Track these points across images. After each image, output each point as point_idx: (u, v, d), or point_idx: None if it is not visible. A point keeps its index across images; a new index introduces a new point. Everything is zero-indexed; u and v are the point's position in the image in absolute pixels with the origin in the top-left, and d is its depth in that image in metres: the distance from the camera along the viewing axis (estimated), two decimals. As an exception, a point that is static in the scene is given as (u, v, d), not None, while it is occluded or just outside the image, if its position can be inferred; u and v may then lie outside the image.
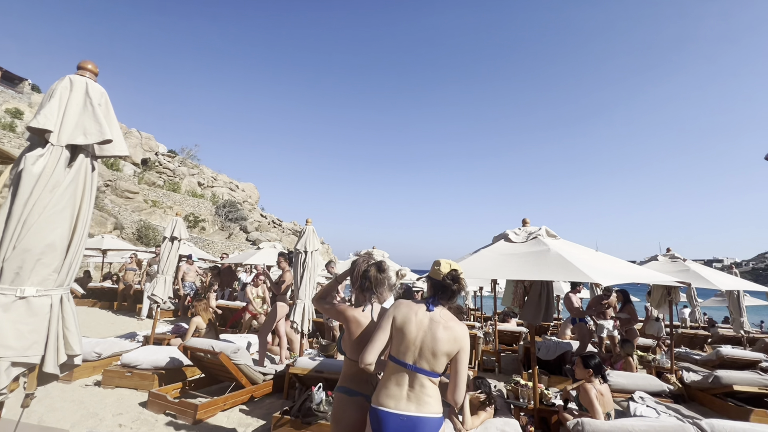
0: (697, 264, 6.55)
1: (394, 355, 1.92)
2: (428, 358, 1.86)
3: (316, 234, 5.21)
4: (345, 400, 2.08)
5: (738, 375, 5.26)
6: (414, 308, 1.96)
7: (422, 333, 1.89)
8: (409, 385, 1.86)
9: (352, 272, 2.30)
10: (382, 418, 1.84)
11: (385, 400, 1.86)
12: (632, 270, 3.54)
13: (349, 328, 2.13)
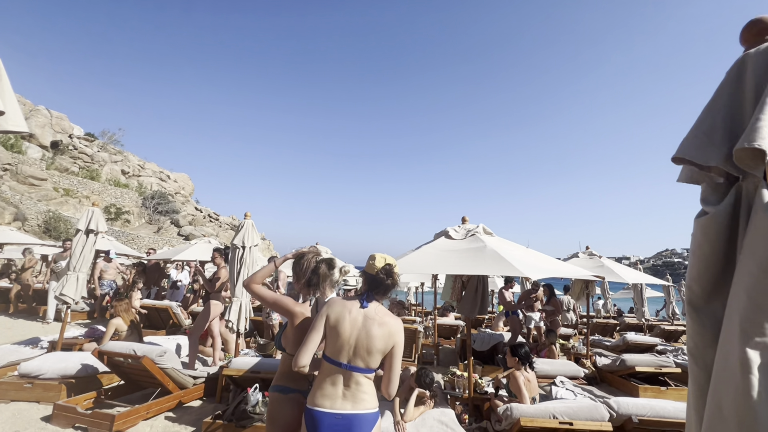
0: (610, 261, 7.37)
1: (328, 355, 1.90)
2: (363, 355, 1.86)
3: (255, 229, 4.97)
4: (280, 399, 2.04)
5: (639, 357, 6.01)
6: (348, 306, 1.93)
7: (357, 331, 1.87)
8: (344, 384, 1.85)
9: (299, 267, 2.26)
10: (317, 418, 1.82)
11: (320, 401, 1.84)
12: (556, 265, 3.86)
13: (294, 323, 2.09)
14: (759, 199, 0.97)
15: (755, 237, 0.95)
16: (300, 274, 2.26)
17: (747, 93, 1.05)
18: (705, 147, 1.06)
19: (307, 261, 2.25)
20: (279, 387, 2.07)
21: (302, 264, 2.25)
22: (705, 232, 1.08)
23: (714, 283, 1.09)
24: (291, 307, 2.12)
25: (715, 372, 0.98)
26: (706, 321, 1.08)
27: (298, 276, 2.28)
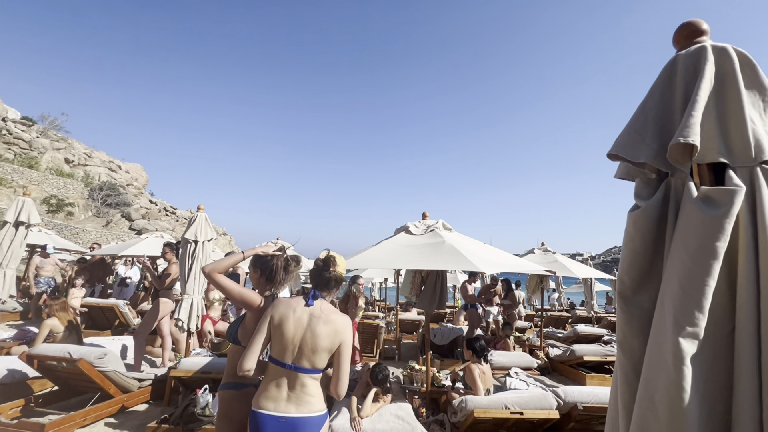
0: (563, 257, 7.74)
1: (274, 356, 1.86)
2: (308, 355, 1.83)
3: (209, 222, 4.73)
4: (234, 396, 1.99)
5: (587, 348, 6.36)
6: (292, 305, 1.91)
7: (301, 330, 1.84)
8: (288, 386, 1.82)
9: (265, 264, 2.19)
10: (260, 421, 1.78)
11: (264, 402, 1.80)
12: (511, 260, 3.98)
13: (255, 318, 2.04)
14: (687, 193, 1.01)
15: (686, 230, 0.99)
16: (265, 268, 2.20)
17: (677, 92, 1.09)
18: (637, 144, 1.10)
19: (276, 259, 2.20)
20: (232, 384, 2.00)
21: (270, 261, 2.20)
22: (637, 225, 1.12)
23: (643, 275, 1.12)
24: (256, 301, 2.07)
25: (647, 363, 1.01)
26: (634, 311, 1.12)
27: (263, 270, 2.21)
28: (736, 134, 0.98)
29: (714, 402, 0.90)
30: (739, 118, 0.98)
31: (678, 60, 1.12)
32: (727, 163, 0.98)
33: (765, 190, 0.94)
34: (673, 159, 1.04)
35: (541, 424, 3.46)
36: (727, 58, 1.03)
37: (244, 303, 2.09)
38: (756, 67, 1.02)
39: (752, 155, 0.95)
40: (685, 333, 0.92)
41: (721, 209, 0.94)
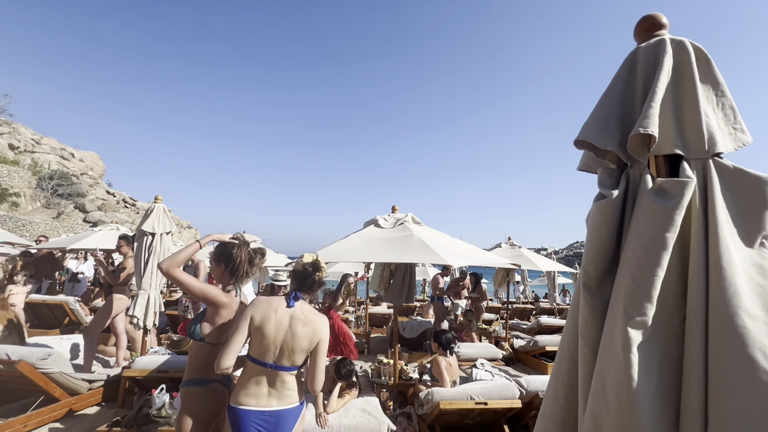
0: (529, 251, 7.98)
1: (253, 356, 1.90)
2: (288, 355, 1.89)
3: (168, 214, 4.47)
4: (199, 392, 1.95)
5: (549, 338, 6.60)
6: (273, 305, 1.94)
7: (282, 332, 1.89)
8: (269, 383, 1.88)
9: (228, 257, 2.13)
10: (242, 417, 1.83)
11: (245, 399, 1.85)
12: (478, 254, 4.03)
13: (220, 314, 2.01)
14: (643, 185, 1.01)
15: (640, 220, 0.99)
16: (231, 264, 2.13)
17: (638, 83, 1.09)
18: (603, 132, 1.09)
19: (240, 249, 2.14)
20: (197, 380, 1.96)
21: (233, 254, 2.13)
22: (604, 214, 1.11)
23: (607, 266, 1.13)
24: (218, 296, 2.01)
25: (601, 352, 1.02)
26: (597, 303, 1.12)
27: (225, 262, 2.14)
28: (691, 127, 0.99)
29: (667, 392, 0.91)
30: (694, 111, 0.99)
31: (639, 52, 1.12)
32: (681, 155, 0.99)
33: (716, 182, 0.96)
34: (632, 150, 1.05)
35: (504, 414, 3.54)
36: (684, 51, 1.05)
37: (206, 299, 2.02)
38: (710, 62, 1.03)
39: (705, 148, 0.97)
40: (634, 323, 0.92)
41: (672, 200, 0.94)
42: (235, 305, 2.10)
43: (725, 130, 0.99)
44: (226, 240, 2.20)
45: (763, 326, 0.84)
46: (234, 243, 2.18)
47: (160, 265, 1.96)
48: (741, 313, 0.86)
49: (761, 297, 0.86)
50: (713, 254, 0.92)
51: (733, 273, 0.88)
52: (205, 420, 1.95)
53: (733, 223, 0.93)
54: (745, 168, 0.94)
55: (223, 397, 2.03)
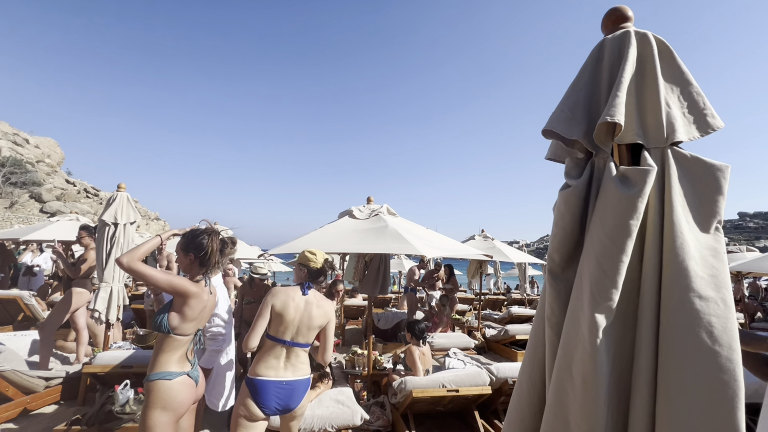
0: (501, 243, 8.17)
1: (272, 334, 2.22)
2: (304, 333, 2.25)
3: (132, 203, 4.27)
4: (166, 386, 1.90)
5: (519, 327, 6.82)
6: (291, 294, 2.27)
7: (299, 314, 2.23)
8: (286, 357, 2.22)
9: (196, 246, 2.06)
10: (262, 386, 2.13)
11: (264, 371, 2.16)
12: (453, 245, 4.09)
13: (189, 304, 1.96)
14: (607, 173, 1.04)
15: (604, 208, 1.02)
16: (201, 254, 2.07)
17: (604, 74, 1.12)
18: (569, 121, 1.11)
19: (210, 238, 2.09)
20: (163, 374, 1.92)
21: (203, 243, 2.07)
22: (568, 204, 1.14)
23: (571, 253, 1.16)
24: (187, 286, 1.96)
25: (566, 334, 1.05)
26: (561, 288, 1.15)
27: (195, 255, 2.07)
28: (652, 117, 1.03)
29: (621, 371, 0.95)
30: (655, 101, 1.03)
31: (605, 43, 1.15)
32: (642, 144, 1.02)
33: (674, 170, 1.00)
34: (597, 139, 1.07)
35: (475, 400, 3.64)
36: (648, 43, 1.08)
37: (175, 290, 1.95)
38: (673, 53, 1.07)
39: (664, 137, 1.01)
40: (601, 308, 0.95)
41: (635, 188, 0.98)
42: (206, 295, 2.05)
43: (691, 118, 1.03)
44: (199, 229, 2.15)
45: (714, 305, 0.89)
46: (203, 231, 2.11)
47: (119, 260, 1.86)
48: (690, 295, 0.91)
49: (714, 278, 0.91)
50: (667, 239, 0.96)
51: (685, 257, 0.92)
52: (173, 411, 1.91)
53: (689, 209, 0.98)
54: (702, 156, 0.98)
55: (191, 389, 2.00)
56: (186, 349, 2.01)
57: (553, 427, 1.00)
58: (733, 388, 0.86)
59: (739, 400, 0.86)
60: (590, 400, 0.94)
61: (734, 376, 0.87)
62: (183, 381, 1.97)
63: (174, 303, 2.00)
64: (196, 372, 2.09)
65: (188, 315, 1.97)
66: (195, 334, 2.07)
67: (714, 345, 0.88)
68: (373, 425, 3.66)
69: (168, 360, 1.95)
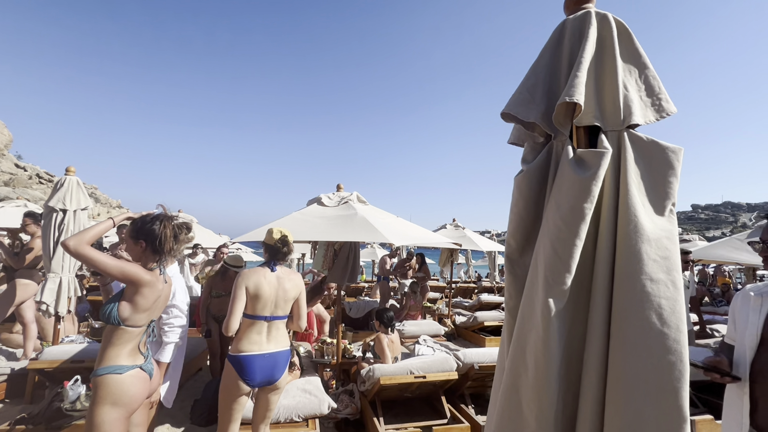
0: (473, 232, 8.30)
1: (251, 313, 2.34)
2: (282, 306, 2.42)
3: (83, 188, 3.97)
4: (117, 380, 1.80)
5: (488, 314, 6.99)
6: (261, 273, 2.40)
7: (274, 290, 2.39)
8: (267, 331, 2.38)
9: (150, 233, 1.92)
10: (247, 361, 2.26)
11: (248, 347, 2.30)
12: (422, 234, 4.08)
13: (143, 293, 1.85)
14: (564, 155, 1.02)
15: (560, 191, 1.01)
16: (154, 241, 1.93)
17: (564, 55, 1.09)
18: (527, 104, 1.09)
19: (163, 224, 1.95)
20: (113, 367, 1.81)
21: (154, 229, 1.93)
22: (520, 189, 1.13)
23: (527, 237, 1.15)
24: (140, 274, 1.84)
25: (521, 319, 1.03)
26: (519, 272, 1.14)
27: (147, 242, 1.93)
28: (609, 100, 1.02)
29: (573, 354, 0.95)
30: (613, 84, 1.02)
31: (566, 24, 1.13)
32: (600, 127, 1.01)
33: (630, 153, 0.99)
34: (557, 120, 1.06)
35: (441, 385, 3.69)
36: (607, 25, 1.06)
37: (126, 278, 1.82)
38: (632, 36, 1.06)
39: (621, 120, 1.00)
40: (554, 292, 0.95)
41: (589, 171, 0.97)
42: (161, 284, 1.94)
43: (647, 101, 1.02)
44: (146, 214, 2.00)
45: (664, 288, 0.89)
46: (155, 217, 1.97)
47: (65, 242, 1.71)
48: (642, 278, 0.91)
49: (666, 260, 0.91)
50: (622, 222, 0.96)
51: (638, 240, 0.92)
52: (124, 410, 1.81)
53: (645, 192, 0.98)
54: (657, 139, 0.98)
55: (145, 383, 1.90)
56: (138, 342, 1.90)
57: (507, 409, 1.00)
58: (679, 369, 0.88)
59: (685, 380, 0.88)
60: (541, 383, 0.93)
61: (681, 357, 0.89)
62: (135, 374, 1.86)
63: (125, 292, 1.87)
64: (150, 365, 1.98)
65: (141, 305, 1.85)
66: (148, 325, 1.95)
67: (663, 327, 0.89)
68: (341, 413, 3.65)
69: (118, 353, 1.84)
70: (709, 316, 7.03)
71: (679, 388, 0.88)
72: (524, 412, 0.95)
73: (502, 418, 0.99)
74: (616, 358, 0.91)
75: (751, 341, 1.45)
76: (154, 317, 1.99)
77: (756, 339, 1.43)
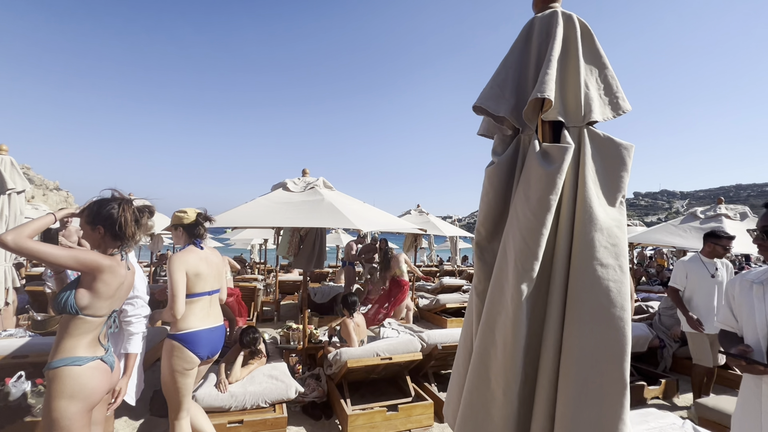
0: (436, 218, 8.51)
1: (193, 292, 2.40)
2: (217, 280, 2.57)
3: (17, 168, 3.61)
4: (76, 372, 1.70)
5: (448, 296, 7.26)
6: (195, 252, 2.47)
7: (210, 266, 2.50)
8: (210, 305, 2.51)
9: (105, 214, 1.79)
10: (197, 336, 2.38)
11: (198, 323, 2.41)
12: (387, 219, 4.14)
13: (103, 279, 1.73)
14: (531, 149, 1.08)
15: (528, 183, 1.07)
16: (112, 226, 1.81)
17: (532, 52, 1.15)
18: (498, 98, 1.14)
19: (122, 209, 1.82)
20: (71, 359, 1.71)
21: (113, 214, 1.80)
22: (490, 180, 1.18)
23: (495, 226, 1.21)
24: (99, 259, 1.72)
25: (490, 301, 1.11)
26: (487, 258, 1.21)
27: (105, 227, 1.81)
28: (572, 96, 1.09)
29: (534, 330, 1.04)
30: (576, 82, 1.09)
31: (535, 21, 1.18)
32: (563, 122, 1.08)
33: (588, 148, 1.07)
34: (526, 116, 1.11)
35: (407, 366, 3.83)
36: (572, 25, 1.12)
37: (85, 266, 1.69)
38: (593, 36, 1.13)
39: (582, 116, 1.07)
40: (524, 278, 1.02)
41: (554, 165, 1.04)
42: (123, 270, 1.83)
43: (606, 99, 1.10)
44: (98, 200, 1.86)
45: (612, 272, 0.99)
46: (112, 200, 1.85)
47: (3, 238, 1.54)
48: (594, 263, 1.01)
49: (615, 247, 1.01)
50: (579, 212, 1.05)
51: (592, 228, 1.01)
52: (84, 403, 1.71)
53: (599, 185, 1.07)
54: (612, 136, 1.07)
55: (106, 376, 1.81)
56: (99, 333, 1.79)
57: (475, 382, 1.08)
58: (622, 343, 0.99)
59: (627, 353, 0.99)
60: (508, 359, 1.02)
61: (624, 332, 1.00)
62: (96, 366, 1.77)
63: (82, 279, 1.75)
64: (111, 357, 1.88)
65: (102, 292, 1.74)
66: (110, 315, 1.85)
67: (610, 306, 1.00)
68: (308, 397, 3.69)
69: (76, 344, 1.73)
70: (645, 294, 7.77)
71: (622, 359, 0.99)
72: (492, 386, 1.03)
73: (470, 392, 1.07)
74: (570, 334, 1.01)
75: (762, 330, 1.49)
76: (117, 307, 1.89)
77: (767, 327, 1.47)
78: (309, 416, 3.59)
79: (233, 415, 3.03)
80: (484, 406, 1.04)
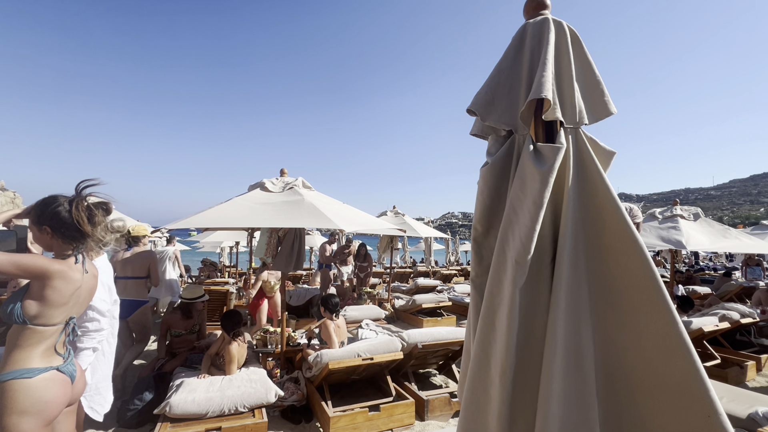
0: (411, 219, 8.60)
1: None
2: None
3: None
4: (28, 385, 1.57)
5: (424, 297, 7.35)
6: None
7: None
8: None
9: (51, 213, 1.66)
10: None
11: None
12: (368, 219, 4.15)
13: (53, 286, 1.61)
14: (525, 149, 1.13)
15: (522, 181, 1.11)
16: (61, 226, 1.67)
17: (525, 57, 1.20)
18: (488, 105, 1.18)
19: (74, 207, 1.68)
20: (21, 371, 1.58)
21: (60, 212, 1.66)
22: (485, 180, 1.22)
23: (491, 222, 1.26)
24: (45, 264, 1.59)
25: (489, 293, 1.14)
26: (484, 254, 1.25)
27: (53, 228, 1.67)
28: (568, 99, 1.14)
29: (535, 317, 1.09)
30: (569, 84, 1.15)
31: (527, 27, 1.23)
32: (560, 123, 1.14)
33: (574, 149, 1.13)
34: (523, 116, 1.16)
35: (387, 365, 3.84)
36: (563, 32, 1.19)
37: (28, 272, 1.57)
38: (582, 43, 1.20)
39: (576, 119, 1.13)
40: (520, 272, 1.07)
41: (547, 164, 1.09)
42: (78, 274, 1.70)
43: (594, 103, 1.17)
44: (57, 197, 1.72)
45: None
46: (57, 196, 1.71)
47: None
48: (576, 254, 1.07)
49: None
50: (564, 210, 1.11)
51: (575, 225, 1.08)
52: (38, 419, 1.57)
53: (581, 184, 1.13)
54: (597, 140, 1.14)
55: (64, 387, 1.68)
56: (54, 342, 1.66)
57: (477, 372, 1.12)
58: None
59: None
60: (505, 346, 1.06)
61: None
62: (50, 377, 1.64)
63: (31, 286, 1.63)
64: (71, 366, 1.74)
65: (53, 300, 1.61)
66: (66, 323, 1.71)
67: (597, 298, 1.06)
68: (287, 401, 3.62)
69: (27, 356, 1.60)
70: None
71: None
72: (491, 372, 1.07)
73: (472, 377, 1.11)
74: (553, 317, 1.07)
75: None
76: (75, 313, 1.75)
77: None
78: (288, 420, 3.53)
79: (211, 422, 2.93)
80: (484, 388, 1.09)
